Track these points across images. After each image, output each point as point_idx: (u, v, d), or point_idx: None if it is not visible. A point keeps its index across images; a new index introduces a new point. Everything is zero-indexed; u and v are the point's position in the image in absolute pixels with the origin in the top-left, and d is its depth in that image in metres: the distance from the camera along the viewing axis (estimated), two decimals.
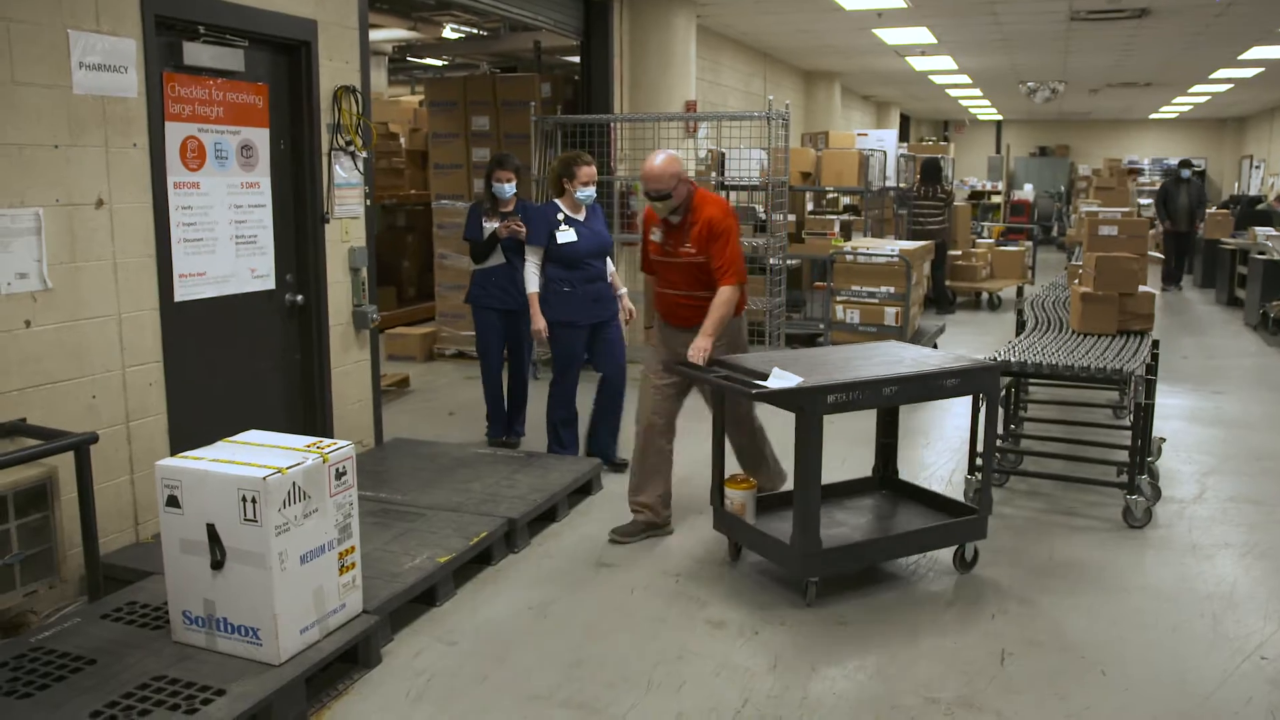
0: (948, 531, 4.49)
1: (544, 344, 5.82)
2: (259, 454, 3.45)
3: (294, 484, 3.33)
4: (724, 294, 4.66)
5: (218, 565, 3.33)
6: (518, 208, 6.24)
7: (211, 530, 3.32)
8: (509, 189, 6.21)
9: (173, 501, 3.37)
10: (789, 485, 4.82)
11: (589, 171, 5.66)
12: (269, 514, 3.24)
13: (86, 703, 3.08)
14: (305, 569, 3.40)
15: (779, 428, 4.93)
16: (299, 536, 3.37)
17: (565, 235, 5.61)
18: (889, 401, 4.31)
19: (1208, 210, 15.76)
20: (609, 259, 5.85)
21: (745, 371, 4.21)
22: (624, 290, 5.95)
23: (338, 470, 3.52)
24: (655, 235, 4.88)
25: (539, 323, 5.65)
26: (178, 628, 3.47)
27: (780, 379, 3.98)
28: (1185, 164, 15.36)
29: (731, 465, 4.74)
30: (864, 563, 4.47)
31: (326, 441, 3.61)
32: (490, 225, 6.16)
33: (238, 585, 3.33)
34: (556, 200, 5.71)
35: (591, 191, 5.67)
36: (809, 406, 3.95)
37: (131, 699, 3.11)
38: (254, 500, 3.24)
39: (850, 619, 4.08)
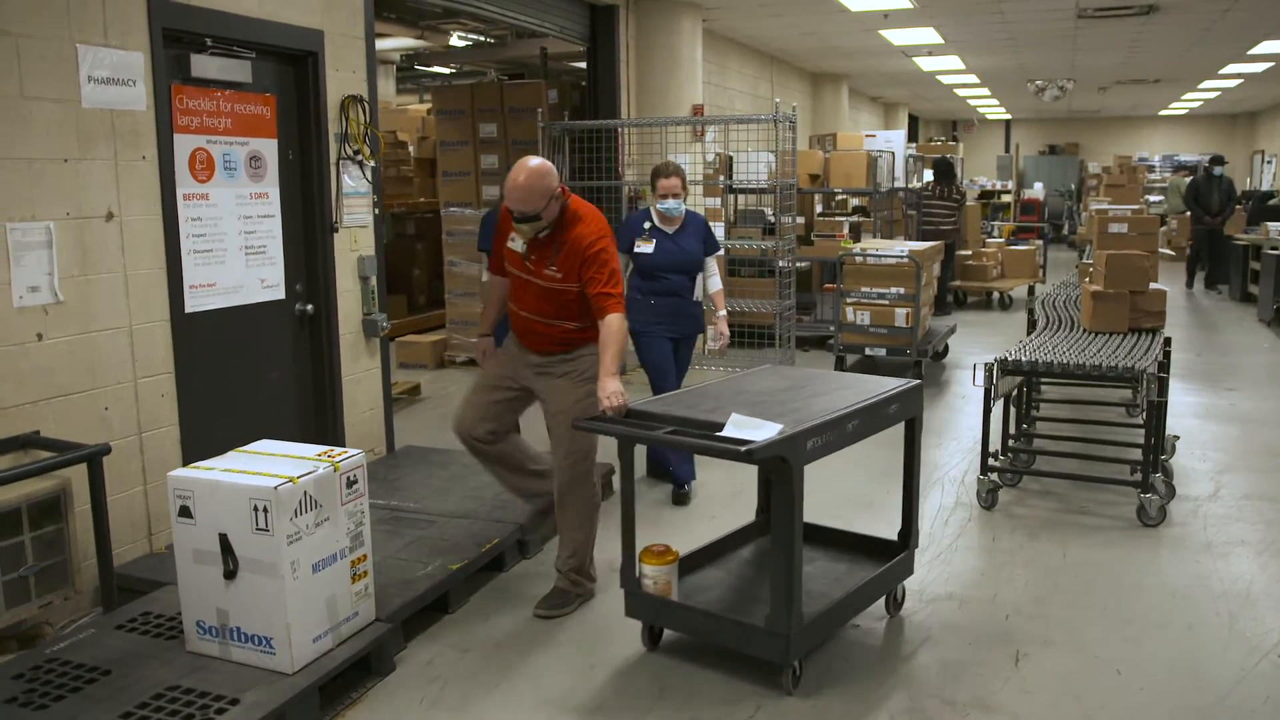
0: (891, 573, 4.02)
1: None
2: (270, 463, 3.46)
3: (305, 493, 3.34)
4: (614, 323, 3.93)
5: (230, 575, 3.34)
6: None
7: (224, 540, 3.33)
8: None
9: (185, 512, 3.39)
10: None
11: (667, 184, 5.42)
12: (280, 523, 3.25)
13: (101, 714, 3.09)
14: (317, 578, 3.41)
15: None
16: (310, 545, 3.37)
17: (643, 247, 5.49)
18: (852, 439, 3.67)
19: (1236, 207, 15.56)
20: (705, 276, 5.66)
21: (694, 424, 3.51)
22: (723, 311, 5.71)
23: (349, 479, 3.53)
24: (516, 244, 4.13)
25: None
26: (191, 638, 3.48)
27: (749, 428, 3.34)
28: (1217, 160, 14.93)
29: (644, 537, 3.91)
30: (837, 627, 3.90)
31: (337, 450, 3.62)
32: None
33: (250, 595, 3.33)
34: (651, 209, 5.57)
35: (674, 204, 5.43)
36: (792, 457, 3.34)
37: (146, 709, 3.12)
38: (265, 510, 3.25)
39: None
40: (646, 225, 5.51)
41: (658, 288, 5.49)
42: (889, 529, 4.26)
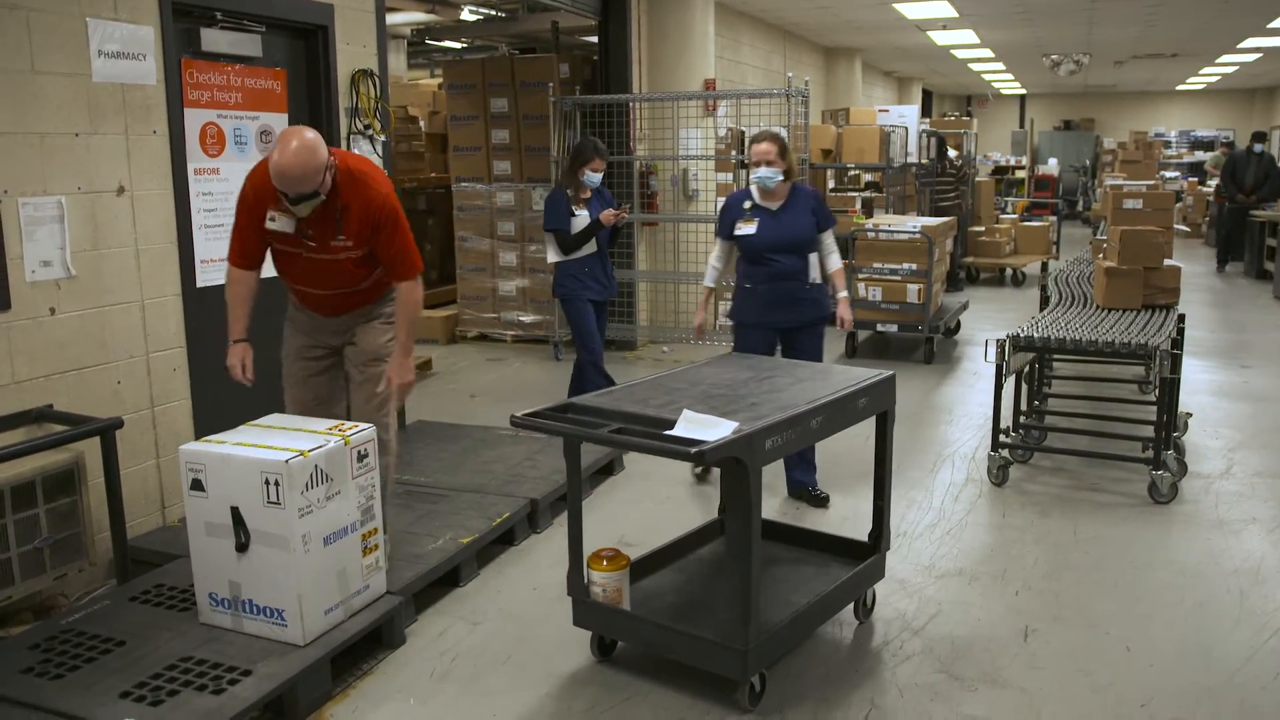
0: (861, 578, 3.77)
1: (703, 339, 5.60)
2: (281, 437, 3.47)
3: (316, 467, 3.35)
4: (407, 292, 3.76)
5: (242, 548, 3.37)
6: (597, 195, 6.03)
7: (236, 513, 3.35)
8: (599, 178, 5.97)
9: (197, 485, 3.41)
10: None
11: (760, 149, 4.88)
12: (292, 497, 3.26)
13: (116, 683, 3.13)
14: (329, 551, 3.42)
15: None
16: (322, 519, 3.39)
17: (744, 229, 4.93)
18: (816, 436, 3.45)
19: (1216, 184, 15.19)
20: (822, 255, 5.03)
21: (642, 421, 3.24)
22: (844, 293, 5.16)
23: (359, 453, 3.54)
24: (278, 223, 3.67)
25: (698, 318, 5.33)
26: (204, 610, 3.51)
27: (701, 426, 3.07)
28: (1259, 136, 14.36)
29: (591, 541, 3.66)
30: (801, 639, 3.65)
31: (348, 424, 3.63)
32: (582, 213, 5.91)
33: (262, 567, 3.36)
34: (751, 187, 5.02)
35: (766, 173, 4.87)
36: (748, 458, 3.07)
37: (160, 680, 3.15)
38: (277, 483, 3.27)
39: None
40: (747, 205, 4.97)
41: (766, 272, 4.94)
42: (897, 510, 4.21)
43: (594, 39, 9.86)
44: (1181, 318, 5.80)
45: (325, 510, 3.40)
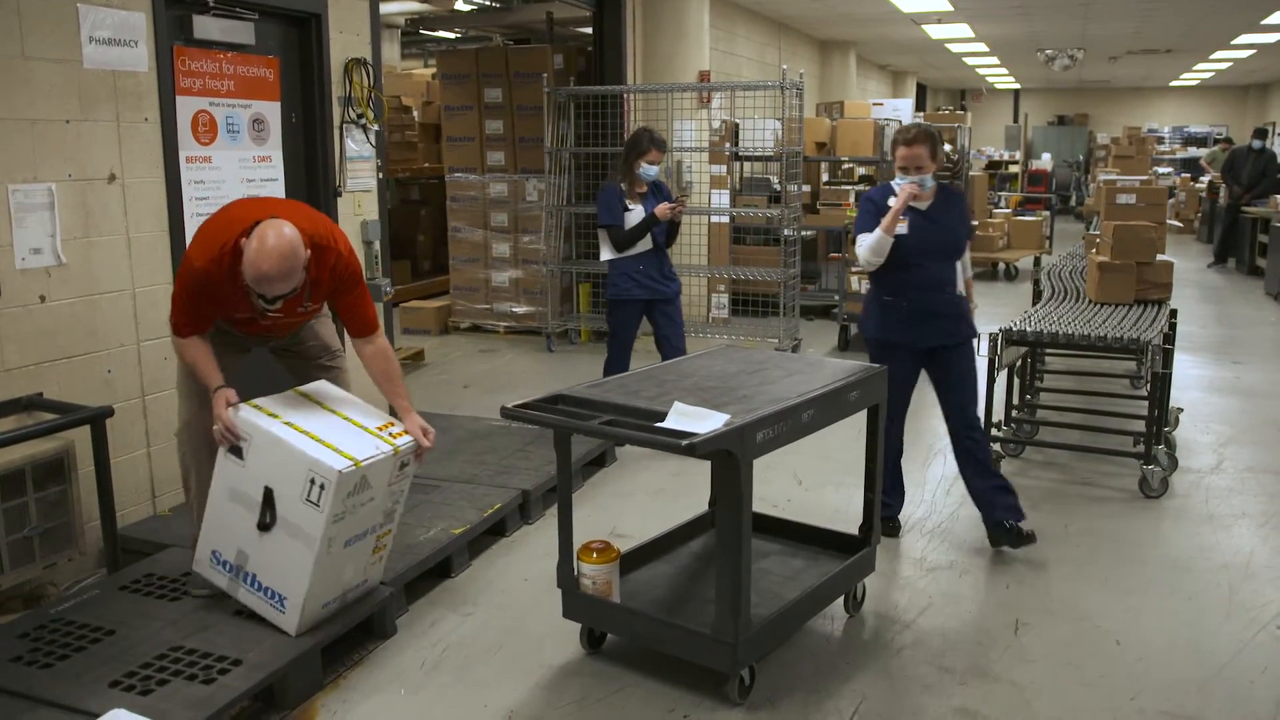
0: (851, 571, 3.77)
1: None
2: (331, 427, 3.35)
3: (363, 477, 3.27)
4: (386, 347, 3.70)
5: (265, 528, 3.31)
6: (654, 189, 5.74)
7: (269, 494, 3.29)
8: (655, 170, 5.68)
9: (237, 452, 3.34)
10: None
11: (909, 153, 4.25)
12: (332, 503, 3.19)
13: (106, 673, 3.12)
14: (346, 552, 3.37)
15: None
16: (351, 524, 3.32)
17: (914, 232, 4.30)
18: (807, 429, 3.38)
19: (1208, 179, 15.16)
20: (961, 264, 4.43)
21: (633, 414, 3.23)
22: (975, 304, 4.58)
23: (402, 462, 3.45)
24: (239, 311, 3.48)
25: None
26: (202, 562, 3.48)
27: (692, 419, 3.05)
28: (1260, 133, 14.25)
29: (581, 533, 3.64)
30: (790, 633, 3.63)
31: (397, 427, 3.49)
32: (637, 208, 5.64)
33: (278, 553, 3.30)
34: (895, 182, 4.39)
35: (921, 178, 4.25)
36: (739, 450, 3.05)
37: (150, 669, 3.14)
38: (322, 487, 3.18)
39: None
40: (891, 202, 4.31)
41: (913, 280, 4.28)
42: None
43: (589, 30, 9.83)
44: (1173, 313, 5.81)
45: (356, 516, 3.32)
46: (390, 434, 3.45)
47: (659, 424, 3.09)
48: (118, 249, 4.26)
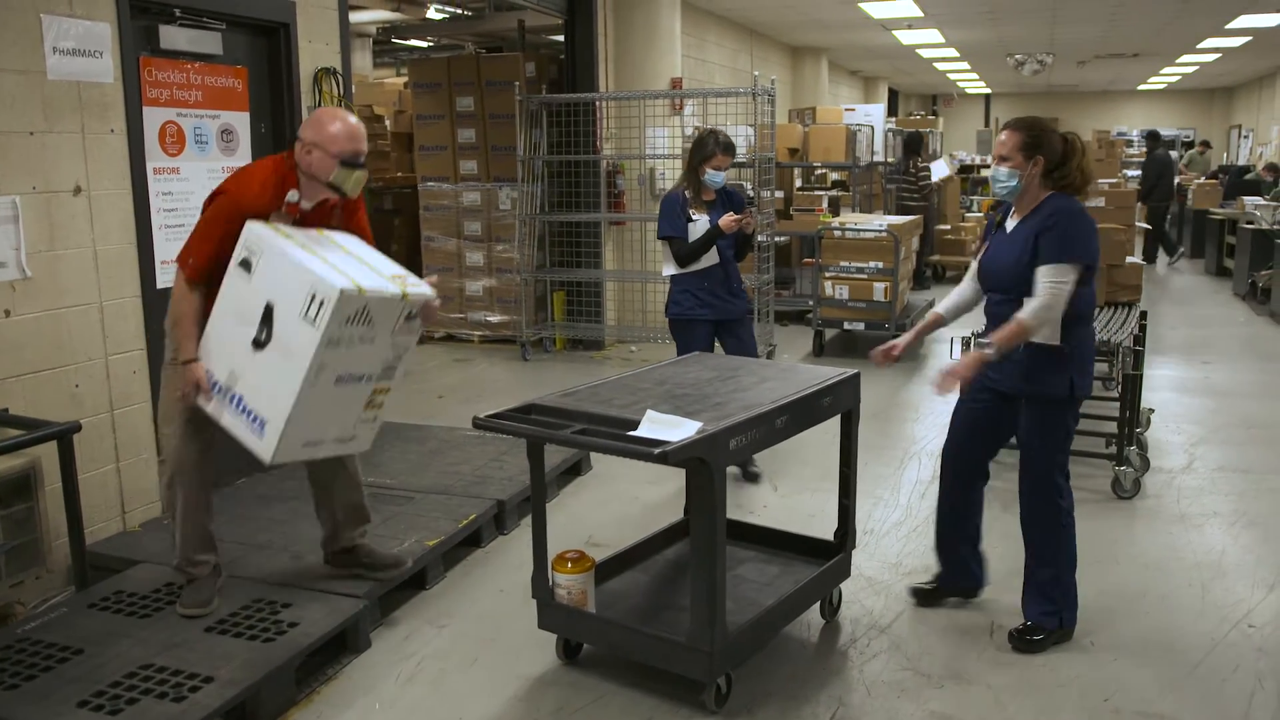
0: (826, 577, 3.74)
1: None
2: (346, 260, 3.34)
3: (365, 307, 3.23)
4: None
5: (259, 345, 3.27)
6: (724, 197, 5.20)
7: (269, 310, 3.25)
8: (721, 177, 5.14)
9: (245, 265, 3.31)
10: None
11: (999, 141, 3.57)
12: (329, 324, 3.14)
13: (74, 692, 3.07)
14: (336, 389, 3.31)
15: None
16: (345, 358, 3.26)
17: (986, 252, 3.76)
18: (780, 436, 3.38)
19: (1177, 181, 15.54)
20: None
21: (606, 422, 3.18)
22: (991, 349, 3.48)
23: (410, 313, 3.41)
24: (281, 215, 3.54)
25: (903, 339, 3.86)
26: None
27: (664, 427, 3.03)
28: (1153, 135, 15.20)
29: (557, 543, 3.61)
30: (767, 640, 3.60)
31: (413, 279, 3.50)
32: (701, 218, 5.12)
33: (268, 373, 3.26)
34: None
35: (1004, 173, 3.52)
36: (712, 458, 3.03)
37: (119, 688, 3.10)
38: (321, 304, 3.14)
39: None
40: (1000, 218, 3.72)
41: (986, 315, 3.75)
42: (868, 509, 4.24)
43: (560, 38, 9.82)
44: (1144, 314, 5.87)
45: (352, 351, 3.27)
46: (404, 282, 3.42)
47: (632, 432, 3.07)
48: (84, 262, 4.21)
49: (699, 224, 5.11)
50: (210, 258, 3.43)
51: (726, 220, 5.00)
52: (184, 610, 3.58)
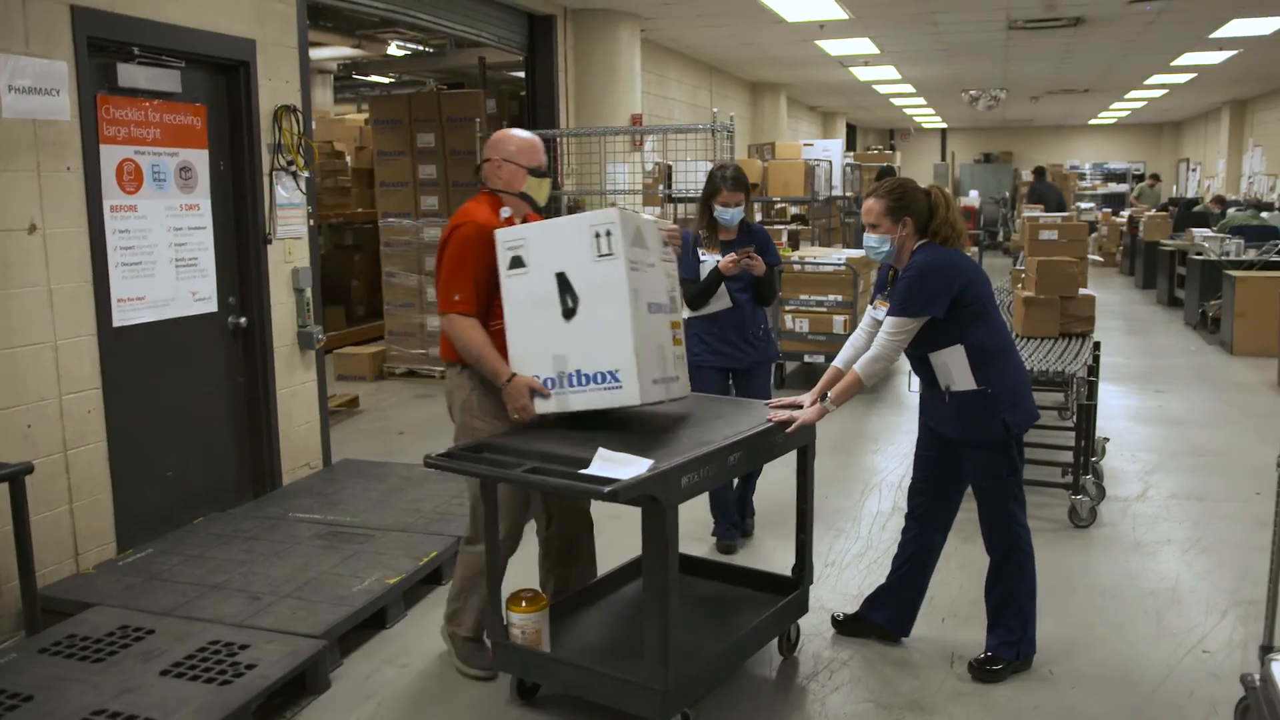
0: (784, 613, 3.75)
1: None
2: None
3: (638, 226, 3.35)
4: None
5: (570, 313, 3.29)
6: (745, 234, 4.87)
7: (562, 279, 3.29)
8: (737, 215, 4.80)
9: (517, 262, 3.36)
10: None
11: (866, 206, 3.70)
12: (624, 247, 3.23)
13: None
14: (653, 318, 3.36)
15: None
16: (643, 282, 3.32)
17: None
18: (733, 473, 3.42)
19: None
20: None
21: (557, 460, 3.16)
22: (822, 403, 3.68)
23: (664, 239, 3.57)
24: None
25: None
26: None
27: (615, 465, 3.02)
28: (1039, 171, 16.20)
29: (512, 581, 3.56)
30: (723, 677, 3.60)
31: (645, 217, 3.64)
32: (711, 259, 4.78)
33: (592, 327, 3.28)
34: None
35: (874, 242, 3.66)
36: (664, 495, 3.00)
37: None
38: (608, 233, 3.23)
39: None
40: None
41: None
42: (843, 542, 4.27)
43: (521, 74, 9.90)
44: (1097, 345, 5.96)
45: (644, 276, 3.34)
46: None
47: (583, 470, 3.06)
48: (38, 301, 4.17)
49: (707, 264, 4.78)
50: (473, 283, 3.50)
51: (725, 261, 4.65)
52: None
